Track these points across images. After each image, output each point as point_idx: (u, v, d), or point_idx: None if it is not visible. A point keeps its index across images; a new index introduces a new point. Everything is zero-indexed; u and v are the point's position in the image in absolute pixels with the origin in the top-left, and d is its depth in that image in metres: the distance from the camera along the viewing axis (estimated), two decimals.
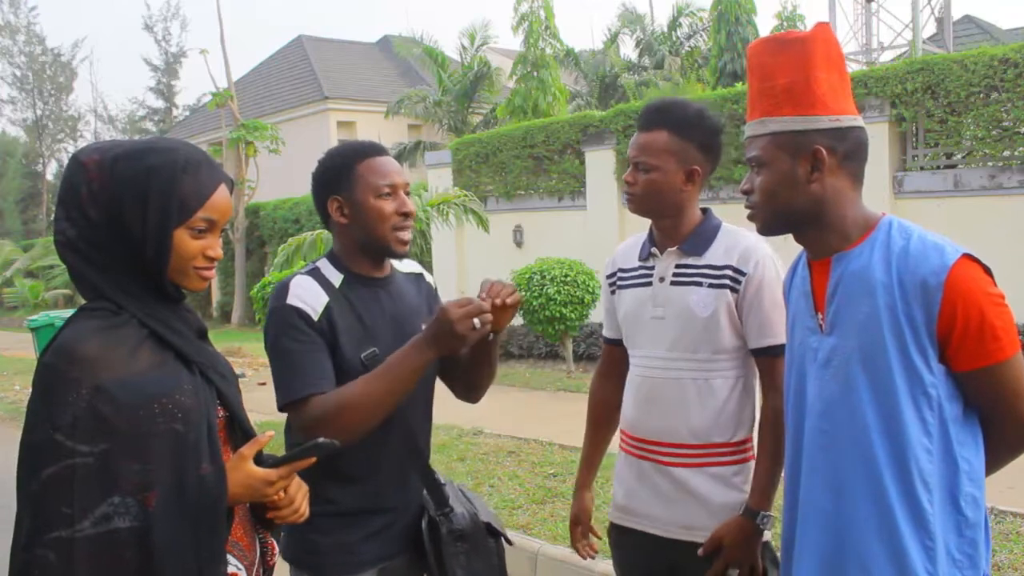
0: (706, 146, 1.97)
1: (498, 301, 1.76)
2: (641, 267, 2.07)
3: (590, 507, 2.23)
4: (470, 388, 2.08)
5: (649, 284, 2.03)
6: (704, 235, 1.99)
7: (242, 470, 1.42)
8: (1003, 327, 1.41)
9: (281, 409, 1.80)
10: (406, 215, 1.90)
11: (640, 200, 2.00)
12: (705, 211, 2.06)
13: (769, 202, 1.56)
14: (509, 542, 2.02)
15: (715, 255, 1.96)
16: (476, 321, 1.71)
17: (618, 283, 2.13)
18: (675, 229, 2.01)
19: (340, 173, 1.90)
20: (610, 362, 2.23)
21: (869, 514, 1.45)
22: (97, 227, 1.38)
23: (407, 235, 1.92)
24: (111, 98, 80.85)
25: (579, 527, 2.25)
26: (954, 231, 7.23)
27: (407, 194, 1.94)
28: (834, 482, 1.50)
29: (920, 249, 1.43)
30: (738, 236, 1.98)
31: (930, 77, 7.88)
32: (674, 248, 2.00)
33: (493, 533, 1.96)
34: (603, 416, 2.26)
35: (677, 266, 1.99)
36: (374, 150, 1.93)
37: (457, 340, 1.72)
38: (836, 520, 1.50)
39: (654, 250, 2.04)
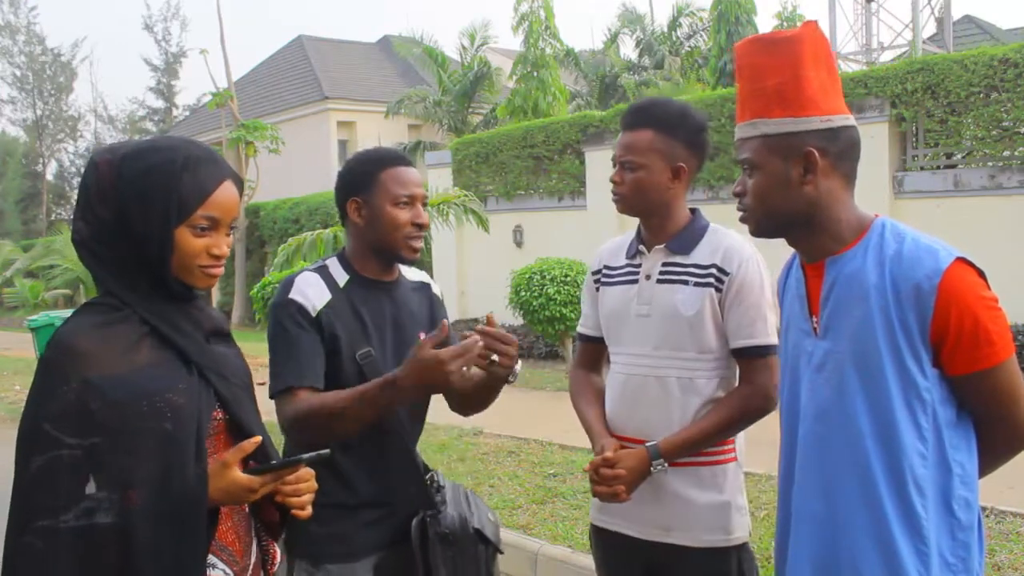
0: (691, 143, 1.98)
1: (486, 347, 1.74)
2: (628, 265, 2.07)
3: (616, 443, 1.98)
4: (465, 406, 2.11)
5: (635, 282, 2.03)
6: (692, 234, 2.00)
7: (224, 476, 1.41)
8: (997, 331, 1.40)
9: (271, 397, 1.87)
10: (420, 226, 1.98)
11: (627, 199, 2.01)
12: (694, 211, 2.06)
13: (762, 205, 1.55)
14: (500, 551, 2.01)
15: (701, 254, 1.97)
16: (464, 369, 1.69)
17: (603, 280, 2.13)
18: (662, 227, 2.01)
19: (364, 177, 1.97)
20: (588, 359, 2.21)
21: (863, 519, 1.44)
22: (105, 225, 1.41)
23: (418, 244, 2.00)
24: (111, 98, 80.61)
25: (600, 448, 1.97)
26: (954, 231, 7.27)
27: (424, 206, 2.01)
28: (828, 487, 1.50)
29: (914, 252, 1.43)
30: (723, 236, 1.99)
31: (930, 77, 7.88)
32: (661, 246, 2.00)
33: (484, 540, 1.96)
34: (592, 392, 2.14)
35: (664, 264, 1.99)
36: (400, 160, 2.01)
37: (440, 384, 1.71)
38: (830, 525, 1.49)
39: (641, 248, 2.05)
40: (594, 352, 2.19)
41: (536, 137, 11.40)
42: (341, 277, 1.98)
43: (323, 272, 1.97)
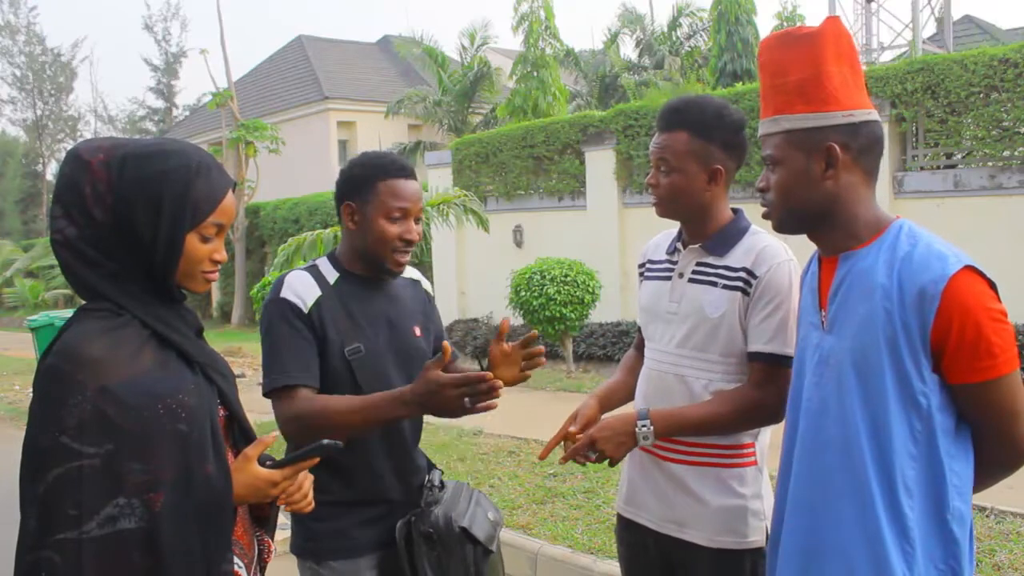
0: (728, 144, 1.93)
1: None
2: (666, 261, 2.07)
3: (594, 409, 2.01)
4: None
5: (669, 278, 2.03)
6: (729, 236, 1.97)
7: (247, 471, 1.42)
8: (1000, 344, 1.39)
9: (266, 395, 1.87)
10: (408, 242, 1.97)
11: (665, 204, 1.98)
12: (736, 211, 2.03)
13: (785, 200, 1.55)
14: (490, 551, 1.98)
15: (735, 257, 1.94)
16: (467, 401, 1.70)
17: (646, 274, 2.14)
18: (701, 228, 1.99)
19: (362, 182, 1.97)
20: (641, 343, 2.22)
21: (853, 515, 1.45)
22: (102, 228, 1.36)
23: (405, 259, 1.99)
24: (111, 98, 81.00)
25: (573, 417, 2.00)
26: (954, 231, 7.25)
27: (418, 220, 2.00)
28: (822, 481, 1.51)
29: (924, 256, 1.42)
30: (760, 239, 1.95)
31: (930, 77, 7.88)
32: (696, 246, 1.99)
33: (472, 540, 1.95)
34: (628, 366, 2.20)
35: (697, 264, 1.98)
36: (402, 172, 1.98)
37: (446, 413, 1.73)
38: (821, 518, 1.50)
39: (679, 245, 2.04)
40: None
41: (536, 137, 11.40)
42: (331, 275, 1.99)
43: (313, 271, 1.99)
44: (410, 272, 2.18)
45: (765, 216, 1.63)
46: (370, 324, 1.97)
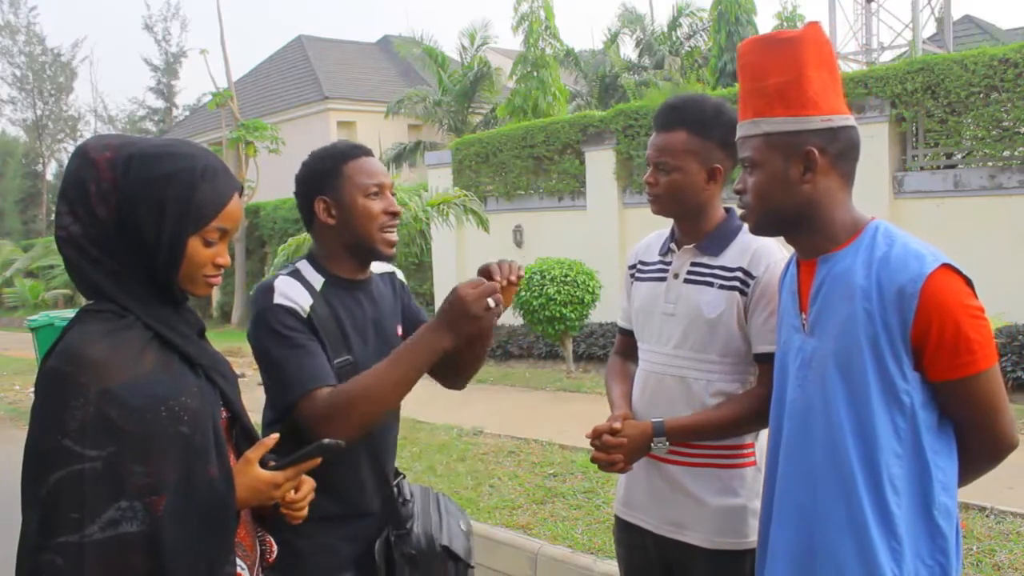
0: (726, 143, 1.93)
1: (504, 282, 1.74)
2: (660, 262, 2.07)
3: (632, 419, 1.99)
4: (457, 374, 2.04)
5: (664, 279, 2.02)
6: (723, 236, 1.98)
7: (248, 473, 1.42)
8: (978, 340, 1.41)
9: (287, 409, 1.74)
10: (393, 215, 1.91)
11: (663, 201, 1.98)
12: (728, 211, 2.04)
13: (762, 203, 1.57)
14: (471, 566, 1.96)
15: (730, 257, 1.95)
16: (490, 300, 1.68)
17: (637, 275, 2.14)
18: (696, 227, 1.99)
19: (327, 174, 1.89)
20: (624, 347, 2.22)
21: (841, 513, 1.47)
22: (105, 227, 1.36)
23: (394, 236, 1.93)
24: (111, 98, 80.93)
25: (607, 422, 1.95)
26: (954, 231, 7.25)
27: (392, 194, 1.95)
28: (809, 481, 1.52)
29: (901, 256, 1.44)
30: (754, 239, 1.95)
31: (930, 77, 7.87)
32: (691, 246, 1.99)
33: (454, 557, 1.91)
34: (623, 374, 2.17)
35: (692, 264, 1.98)
36: (360, 151, 1.93)
37: (474, 322, 1.68)
38: (810, 518, 1.51)
39: (673, 246, 2.04)
40: (630, 343, 2.19)
41: (536, 137, 11.39)
42: (316, 280, 1.89)
43: (297, 276, 1.87)
44: (383, 266, 2.10)
45: (743, 218, 1.65)
46: (358, 333, 1.90)
